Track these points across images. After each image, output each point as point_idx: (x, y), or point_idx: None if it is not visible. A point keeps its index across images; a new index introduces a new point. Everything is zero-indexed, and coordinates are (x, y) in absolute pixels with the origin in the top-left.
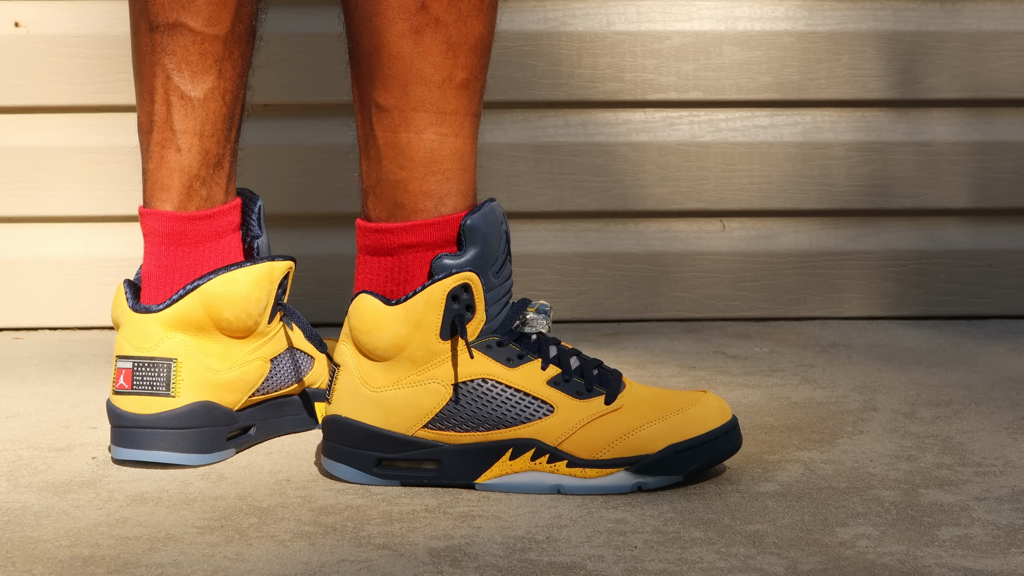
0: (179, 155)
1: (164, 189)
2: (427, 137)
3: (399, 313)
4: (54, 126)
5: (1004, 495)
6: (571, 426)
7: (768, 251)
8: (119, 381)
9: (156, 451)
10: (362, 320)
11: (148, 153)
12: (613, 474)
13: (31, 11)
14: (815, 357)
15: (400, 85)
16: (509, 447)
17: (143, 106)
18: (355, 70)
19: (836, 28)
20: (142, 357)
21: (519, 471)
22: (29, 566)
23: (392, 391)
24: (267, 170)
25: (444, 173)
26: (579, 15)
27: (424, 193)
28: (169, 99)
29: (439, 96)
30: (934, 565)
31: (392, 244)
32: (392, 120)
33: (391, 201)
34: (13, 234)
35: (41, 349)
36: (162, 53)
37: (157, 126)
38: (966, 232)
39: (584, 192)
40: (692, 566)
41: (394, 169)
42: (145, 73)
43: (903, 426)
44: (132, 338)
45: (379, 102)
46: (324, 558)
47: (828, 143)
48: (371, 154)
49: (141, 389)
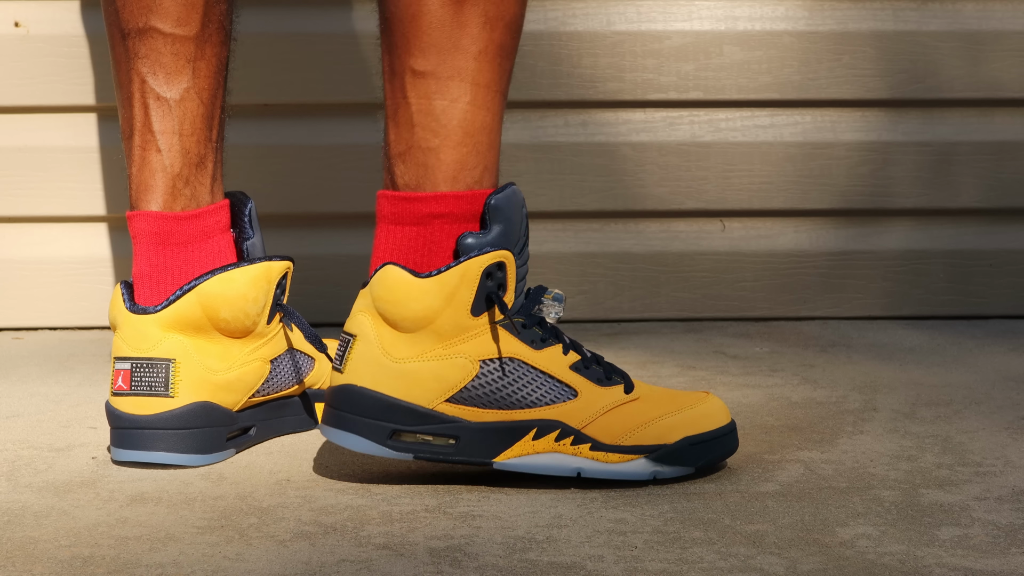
0: (160, 156)
1: (148, 190)
2: (461, 106)
3: (432, 286)
4: (54, 126)
5: (1004, 495)
6: (595, 411)
7: (768, 251)
8: (117, 382)
9: (155, 452)
10: (391, 291)
11: (131, 158)
12: (633, 460)
13: (31, 11)
14: (815, 357)
15: (438, 52)
16: (533, 427)
17: (123, 113)
18: (388, 37)
19: (836, 28)
20: (140, 358)
21: (541, 451)
22: (29, 566)
23: (416, 363)
24: (267, 170)
25: (475, 146)
26: (579, 15)
27: (456, 162)
28: (146, 102)
29: (475, 67)
30: (934, 565)
31: (420, 212)
32: (428, 86)
33: (422, 168)
34: (13, 234)
35: (41, 349)
36: (136, 58)
37: (137, 130)
38: (966, 232)
39: (584, 192)
40: (692, 566)
41: (427, 136)
42: (123, 81)
43: (903, 426)
44: (130, 339)
45: (415, 67)
46: (324, 558)
47: (828, 143)
48: (401, 121)
49: (140, 390)
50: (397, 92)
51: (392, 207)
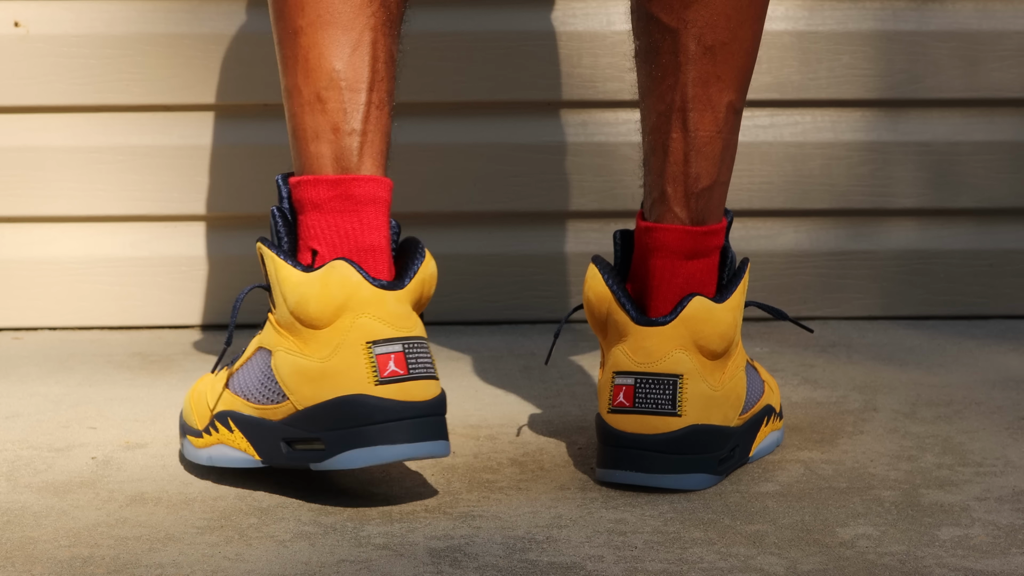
0: (388, 120)
1: (380, 154)
2: (737, 139)
3: (730, 309)
4: (54, 126)
5: (1004, 495)
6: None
7: (768, 251)
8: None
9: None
10: (716, 324)
11: (360, 113)
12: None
13: (31, 11)
14: (815, 357)
15: (746, 87)
16: (765, 415)
17: (345, 55)
18: (703, 67)
19: (836, 28)
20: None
21: (769, 431)
22: (29, 566)
23: (725, 387)
24: (267, 170)
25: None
26: (579, 15)
27: (726, 193)
28: (381, 55)
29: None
30: (934, 565)
31: (711, 245)
32: (737, 122)
33: (718, 203)
34: (13, 234)
35: (41, 349)
36: (379, 5)
37: (377, 85)
38: (966, 232)
39: (584, 192)
40: (692, 566)
41: (726, 172)
42: (348, 24)
43: (903, 426)
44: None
45: (735, 103)
46: (324, 558)
47: (828, 143)
48: (710, 155)
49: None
50: (710, 125)
51: (693, 242)
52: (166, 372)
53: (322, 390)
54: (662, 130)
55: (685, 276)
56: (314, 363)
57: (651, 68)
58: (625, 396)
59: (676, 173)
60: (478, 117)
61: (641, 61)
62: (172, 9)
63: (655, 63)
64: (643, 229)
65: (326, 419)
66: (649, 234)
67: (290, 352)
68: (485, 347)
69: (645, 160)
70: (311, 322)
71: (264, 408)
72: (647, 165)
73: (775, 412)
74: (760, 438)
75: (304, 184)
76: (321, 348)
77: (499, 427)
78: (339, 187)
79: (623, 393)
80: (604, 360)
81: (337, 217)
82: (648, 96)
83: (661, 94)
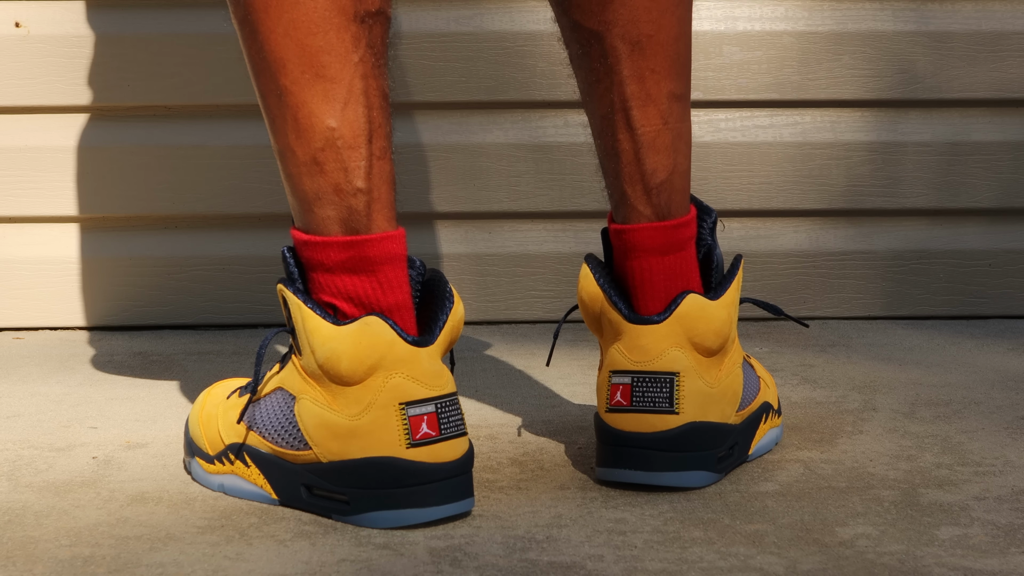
0: (391, 165)
1: (388, 206)
2: (689, 123)
3: (725, 304)
4: (54, 126)
5: (1004, 495)
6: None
7: (768, 251)
8: (616, 397)
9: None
10: (710, 321)
11: (363, 170)
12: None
13: (31, 11)
14: (814, 357)
15: (687, 73)
16: (763, 412)
17: (337, 111)
18: (638, 62)
19: (836, 28)
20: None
21: (768, 429)
22: (29, 566)
23: (722, 384)
24: (267, 170)
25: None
26: None
27: (688, 180)
28: (375, 102)
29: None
30: (934, 565)
31: (684, 237)
32: (684, 109)
33: (678, 193)
34: (13, 234)
35: (41, 349)
36: (365, 47)
37: (375, 134)
38: (966, 232)
39: (584, 192)
40: (692, 566)
41: (682, 160)
42: (336, 75)
43: (903, 426)
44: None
45: (676, 92)
46: (324, 558)
47: (828, 143)
48: (661, 147)
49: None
50: (654, 118)
51: (663, 237)
52: (167, 372)
53: (351, 448)
54: (608, 133)
55: (664, 272)
56: (343, 420)
57: (585, 73)
58: (623, 395)
59: (631, 172)
60: (478, 117)
61: (575, 68)
62: (172, 9)
63: (588, 68)
64: (614, 232)
65: (354, 477)
66: (620, 236)
67: (316, 403)
68: (485, 347)
69: (600, 164)
70: (342, 379)
71: (284, 452)
72: (603, 168)
73: (773, 409)
74: (759, 435)
75: (313, 245)
76: (351, 405)
77: (499, 427)
78: (352, 249)
79: (620, 392)
80: (602, 359)
81: (354, 279)
82: (589, 101)
83: (600, 97)
